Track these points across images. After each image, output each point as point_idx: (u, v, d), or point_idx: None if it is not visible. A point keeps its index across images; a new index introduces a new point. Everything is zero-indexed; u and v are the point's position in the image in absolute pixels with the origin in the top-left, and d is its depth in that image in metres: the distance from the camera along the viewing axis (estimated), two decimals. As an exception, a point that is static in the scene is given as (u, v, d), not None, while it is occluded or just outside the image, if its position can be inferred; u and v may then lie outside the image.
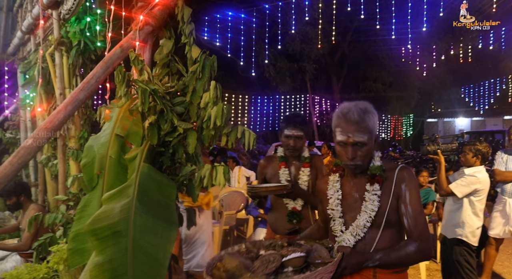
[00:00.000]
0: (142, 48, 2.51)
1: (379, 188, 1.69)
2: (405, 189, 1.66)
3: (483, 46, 15.35)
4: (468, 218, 3.55)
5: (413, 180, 1.69)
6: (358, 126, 1.64)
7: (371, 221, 1.66)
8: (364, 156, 1.68)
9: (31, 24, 4.41)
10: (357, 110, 1.65)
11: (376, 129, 1.70)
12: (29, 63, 4.67)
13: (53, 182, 4.11)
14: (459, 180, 3.57)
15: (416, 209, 1.64)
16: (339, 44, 18.74)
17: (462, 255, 3.55)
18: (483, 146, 3.61)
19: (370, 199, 1.68)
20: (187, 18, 2.38)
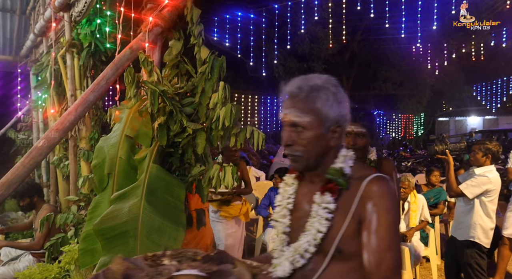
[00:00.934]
0: (151, 49, 2.53)
1: (333, 201, 1.22)
2: (372, 210, 1.16)
3: (495, 44, 15.11)
4: (480, 220, 3.47)
5: (386, 199, 1.17)
6: (297, 102, 1.24)
7: (315, 245, 1.21)
8: (306, 145, 1.24)
9: (44, 27, 4.48)
10: (304, 82, 1.25)
11: (334, 114, 1.24)
12: (41, 65, 4.74)
13: (64, 183, 4.16)
14: (469, 181, 3.48)
15: (383, 241, 1.14)
16: (348, 44, 18.62)
17: (473, 258, 3.48)
18: (493, 145, 3.51)
19: (317, 215, 1.22)
20: (196, 19, 2.39)
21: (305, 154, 1.25)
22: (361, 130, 2.17)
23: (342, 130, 1.27)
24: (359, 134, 2.18)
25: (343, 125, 1.27)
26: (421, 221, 4.48)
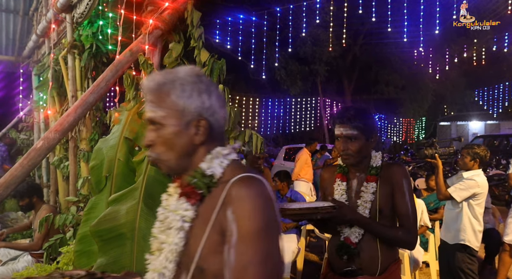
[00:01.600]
0: (151, 51, 2.54)
1: (191, 208, 1.05)
2: (232, 219, 0.95)
3: (497, 49, 15.11)
4: (469, 222, 3.52)
5: (247, 203, 0.95)
6: (152, 96, 1.09)
7: (174, 262, 1.06)
8: (164, 144, 1.08)
9: (46, 28, 4.50)
10: (161, 75, 1.11)
11: (194, 105, 1.07)
12: (43, 66, 4.76)
13: (64, 183, 4.17)
14: (458, 184, 3.53)
15: (243, 256, 0.92)
16: (350, 47, 18.64)
17: (464, 262, 3.50)
18: (481, 149, 3.57)
19: (172, 226, 1.06)
20: (196, 22, 2.40)
21: (164, 155, 1.08)
22: (352, 132, 1.88)
23: (208, 125, 1.08)
24: (349, 137, 1.89)
25: (209, 119, 1.08)
26: (421, 226, 4.46)
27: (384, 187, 1.88)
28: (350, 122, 1.88)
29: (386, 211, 1.87)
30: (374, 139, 1.93)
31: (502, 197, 8.79)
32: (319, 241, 5.84)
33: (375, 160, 1.96)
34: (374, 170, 1.92)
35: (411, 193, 1.86)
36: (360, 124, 1.87)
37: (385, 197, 1.86)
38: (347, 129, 1.90)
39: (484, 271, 4.92)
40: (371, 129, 1.90)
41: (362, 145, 1.89)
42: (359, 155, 1.90)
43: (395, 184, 1.86)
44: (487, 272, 4.88)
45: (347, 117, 1.91)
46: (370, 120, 1.93)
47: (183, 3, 2.53)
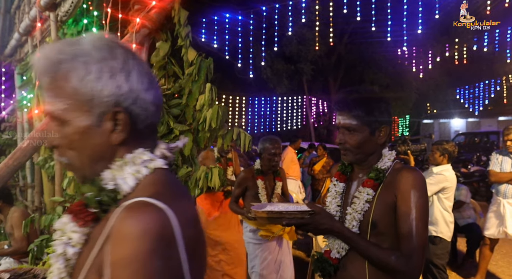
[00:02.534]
0: (138, 50, 2.53)
1: (80, 231, 0.82)
2: (108, 264, 0.69)
3: (477, 48, 15.46)
4: (440, 215, 3.67)
5: (129, 246, 0.67)
6: (47, 82, 0.81)
7: None
8: (69, 146, 0.84)
9: (29, 26, 4.42)
10: (57, 51, 0.81)
11: (106, 92, 0.79)
12: (26, 65, 4.68)
13: (50, 184, 4.12)
14: (428, 179, 3.68)
15: None
16: (335, 46, 18.79)
17: (435, 255, 3.65)
18: (449, 145, 3.75)
19: (57, 251, 0.85)
20: (183, 20, 2.41)
21: (75, 160, 0.83)
22: (350, 122, 1.53)
23: (129, 117, 0.80)
24: (347, 128, 1.55)
25: (130, 109, 0.80)
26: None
27: (385, 196, 1.49)
28: (349, 110, 1.54)
29: (382, 226, 1.47)
30: (384, 133, 1.55)
31: (482, 193, 9.01)
32: (306, 238, 5.90)
33: (383, 161, 1.56)
34: (375, 173, 1.53)
35: (423, 209, 1.43)
36: (361, 112, 1.52)
37: (383, 209, 1.48)
38: (345, 118, 1.55)
39: (465, 264, 5.06)
40: (378, 120, 1.52)
41: (364, 139, 1.53)
42: (360, 151, 1.56)
43: (400, 194, 1.45)
44: (468, 265, 5.02)
45: (346, 103, 1.57)
46: (378, 109, 1.53)
47: (170, 2, 2.53)
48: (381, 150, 1.59)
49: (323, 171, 7.97)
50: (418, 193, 1.44)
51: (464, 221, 5.05)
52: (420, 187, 1.45)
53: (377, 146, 1.57)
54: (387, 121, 1.56)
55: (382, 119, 1.54)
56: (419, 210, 1.42)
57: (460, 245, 5.38)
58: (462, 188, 5.22)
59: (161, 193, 0.75)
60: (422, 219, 1.42)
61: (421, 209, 1.42)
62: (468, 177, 9.20)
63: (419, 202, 1.43)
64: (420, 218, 1.41)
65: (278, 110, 20.30)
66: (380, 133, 1.55)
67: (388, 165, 1.56)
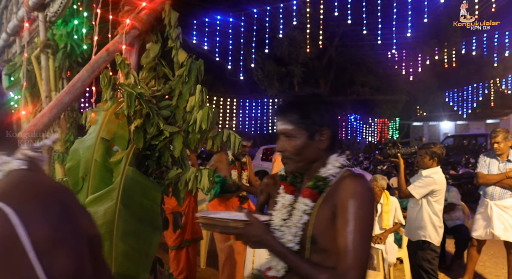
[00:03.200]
0: (128, 51, 2.52)
1: None
2: None
3: (466, 52, 15.69)
4: (429, 219, 3.65)
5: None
6: None
7: None
8: None
9: (17, 26, 4.37)
10: None
11: None
12: (14, 65, 4.62)
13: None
14: (416, 182, 3.68)
15: None
16: (326, 48, 18.93)
17: (425, 260, 3.62)
18: (437, 148, 3.72)
19: None
20: (174, 22, 2.40)
21: None
22: (285, 128, 1.43)
23: None
24: (285, 134, 1.44)
25: None
26: (395, 223, 4.59)
27: (325, 207, 1.34)
28: (284, 114, 1.43)
29: (323, 242, 1.31)
30: (326, 136, 1.40)
31: (471, 195, 9.13)
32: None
33: (326, 168, 1.41)
34: (313, 182, 1.40)
35: (362, 221, 1.27)
36: (297, 116, 1.40)
37: (324, 222, 1.32)
38: (281, 124, 1.44)
39: (453, 265, 5.11)
40: (316, 122, 1.39)
41: (303, 145, 1.39)
42: (301, 159, 1.41)
43: (339, 205, 1.30)
44: (456, 266, 5.08)
45: (281, 107, 1.46)
46: (316, 111, 1.40)
47: (161, 3, 2.52)
48: (327, 156, 1.43)
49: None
50: (357, 202, 1.27)
51: (453, 222, 5.11)
52: (361, 195, 1.29)
53: (320, 152, 1.42)
54: (329, 123, 1.41)
55: (322, 122, 1.40)
56: (358, 223, 1.25)
57: (448, 246, 5.44)
58: (452, 190, 5.28)
59: (7, 193, 0.75)
60: (361, 233, 1.25)
61: (360, 221, 1.26)
62: (457, 179, 9.31)
63: (358, 213, 1.26)
64: (359, 232, 1.25)
65: (269, 112, 20.34)
66: (320, 137, 1.40)
67: (331, 172, 1.40)
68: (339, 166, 1.42)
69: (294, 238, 1.36)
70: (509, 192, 4.18)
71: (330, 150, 1.44)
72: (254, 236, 1.31)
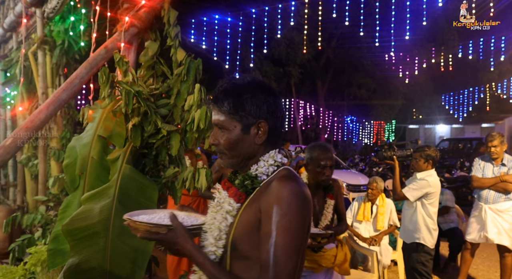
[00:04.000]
0: (127, 49, 2.51)
1: None
2: None
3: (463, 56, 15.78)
4: (423, 221, 3.66)
5: None
6: None
7: None
8: None
9: (14, 22, 4.35)
10: None
11: None
12: (10, 61, 4.60)
13: (32, 183, 4.05)
14: (411, 184, 3.69)
15: None
16: (324, 50, 18.94)
17: (419, 262, 3.64)
18: (431, 151, 3.74)
19: None
20: (173, 20, 2.40)
21: None
22: (217, 118, 1.28)
23: None
24: (218, 126, 1.29)
25: None
26: (390, 225, 4.61)
27: (250, 212, 1.18)
28: (216, 104, 1.26)
29: (245, 248, 1.17)
30: (263, 130, 1.24)
31: (465, 198, 9.18)
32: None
33: (258, 166, 1.25)
34: (240, 181, 1.25)
35: (287, 230, 1.10)
36: (229, 106, 1.23)
37: (246, 227, 1.17)
38: (214, 114, 1.28)
39: (447, 268, 5.13)
40: (252, 114, 1.23)
41: (236, 138, 1.24)
42: (235, 154, 1.26)
43: (263, 211, 1.14)
44: (450, 269, 5.10)
45: (214, 96, 1.29)
46: (252, 100, 1.23)
47: (160, 1, 2.52)
48: (265, 152, 1.27)
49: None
50: (282, 209, 1.11)
51: (447, 225, 5.13)
52: (287, 201, 1.12)
53: (256, 147, 1.26)
54: (267, 115, 1.24)
55: (258, 113, 1.23)
56: (281, 234, 1.09)
57: (442, 249, 5.47)
58: (447, 193, 5.30)
59: None
60: (284, 246, 1.09)
61: (284, 231, 1.10)
62: (452, 182, 9.36)
63: (281, 222, 1.10)
64: (282, 244, 1.09)
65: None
66: (257, 130, 1.24)
67: (262, 170, 1.23)
68: (274, 164, 1.25)
69: (217, 241, 1.21)
70: (503, 196, 4.21)
71: (269, 145, 1.28)
72: (176, 244, 1.17)
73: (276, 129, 1.28)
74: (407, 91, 21.71)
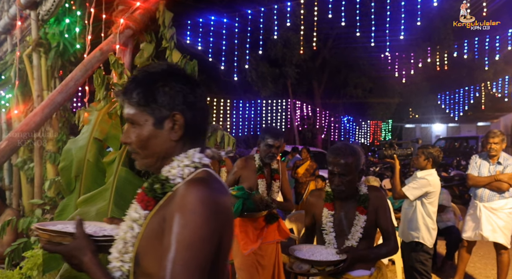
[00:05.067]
0: (122, 51, 2.51)
1: None
2: None
3: (458, 55, 15.85)
4: (422, 220, 3.67)
5: None
6: None
7: None
8: None
9: (8, 24, 4.33)
10: None
11: None
12: (5, 64, 4.57)
13: (28, 186, 4.02)
14: (411, 183, 3.70)
15: None
16: (320, 50, 18.98)
17: (418, 261, 3.64)
18: (434, 150, 3.75)
19: None
20: (168, 22, 2.40)
21: None
22: (128, 112, 1.11)
23: None
24: (128, 120, 1.13)
25: None
26: (387, 224, 4.62)
27: (155, 221, 1.02)
28: (125, 96, 1.09)
29: (148, 264, 1.01)
30: (179, 124, 1.07)
31: (461, 196, 9.22)
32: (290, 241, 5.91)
33: (171, 166, 1.07)
34: (148, 184, 1.08)
35: (185, 245, 0.93)
36: (139, 98, 1.07)
37: (151, 239, 1.02)
38: (124, 107, 1.11)
39: (445, 266, 5.15)
40: (165, 106, 1.06)
41: (148, 134, 1.07)
42: (148, 153, 1.09)
43: (166, 221, 0.97)
44: (447, 267, 5.12)
45: (124, 87, 1.12)
46: (165, 90, 1.07)
47: (155, 3, 2.52)
48: (182, 150, 1.09)
49: (307, 174, 8.02)
50: (184, 219, 0.93)
51: (444, 224, 5.15)
52: (190, 209, 0.94)
53: (172, 144, 1.08)
54: (183, 107, 1.07)
55: (173, 105, 1.06)
56: (181, 247, 0.92)
57: (439, 248, 5.48)
58: (443, 192, 5.32)
59: None
60: (183, 262, 0.91)
61: (183, 245, 0.92)
62: (448, 181, 9.39)
63: (183, 234, 0.93)
64: (181, 260, 0.91)
65: (263, 113, 20.36)
66: (171, 124, 1.07)
67: (175, 172, 1.05)
68: (190, 165, 1.06)
69: (122, 255, 1.04)
70: (497, 194, 4.23)
71: (189, 143, 1.10)
72: (75, 257, 1.02)
73: (195, 123, 1.10)
74: (403, 90, 21.78)
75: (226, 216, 1.01)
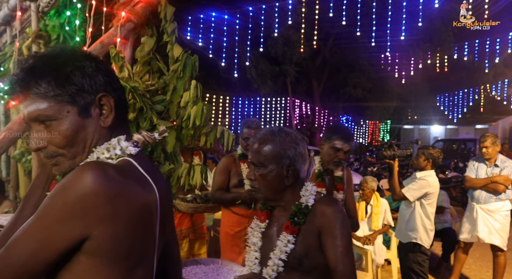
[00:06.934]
0: (123, 44, 2.49)
1: None
2: None
3: (458, 57, 15.86)
4: (421, 221, 3.68)
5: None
6: None
7: None
8: None
9: (8, 15, 4.29)
10: None
11: None
12: (4, 55, 4.54)
13: (26, 178, 4.00)
14: (411, 184, 3.71)
15: None
16: (320, 49, 18.97)
17: (415, 262, 3.65)
18: (435, 151, 3.76)
19: None
20: (169, 16, 2.38)
21: None
22: (36, 109, 0.92)
23: None
24: (38, 119, 0.94)
25: None
26: (384, 225, 4.63)
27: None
28: (26, 88, 0.91)
29: None
30: (108, 105, 0.94)
31: (459, 198, 9.24)
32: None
33: (93, 157, 0.94)
34: (61, 178, 0.99)
35: (42, 217, 0.84)
36: (50, 85, 0.89)
37: None
38: (24, 105, 0.93)
39: (441, 267, 5.17)
40: (86, 87, 0.91)
41: (74, 127, 0.91)
42: (76, 150, 0.93)
43: None
44: (443, 268, 5.14)
45: (15, 80, 0.91)
46: (82, 69, 0.91)
47: (157, -3, 2.50)
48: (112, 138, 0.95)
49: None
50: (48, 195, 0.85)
51: (441, 225, 5.16)
52: (59, 187, 0.84)
53: (104, 133, 0.94)
54: (106, 87, 0.93)
55: (95, 86, 0.91)
56: (34, 219, 0.84)
57: (435, 249, 5.50)
58: (442, 193, 5.33)
59: None
60: (24, 233, 0.83)
61: (37, 217, 0.84)
62: (446, 182, 9.41)
63: (40, 210, 0.84)
64: (26, 233, 0.82)
65: (262, 111, 20.34)
66: (99, 109, 0.93)
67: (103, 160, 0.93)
68: (114, 157, 0.92)
69: None
70: (494, 197, 4.25)
71: (118, 129, 0.96)
72: None
73: (122, 105, 0.97)
74: (403, 91, 21.81)
75: (95, 202, 0.81)
